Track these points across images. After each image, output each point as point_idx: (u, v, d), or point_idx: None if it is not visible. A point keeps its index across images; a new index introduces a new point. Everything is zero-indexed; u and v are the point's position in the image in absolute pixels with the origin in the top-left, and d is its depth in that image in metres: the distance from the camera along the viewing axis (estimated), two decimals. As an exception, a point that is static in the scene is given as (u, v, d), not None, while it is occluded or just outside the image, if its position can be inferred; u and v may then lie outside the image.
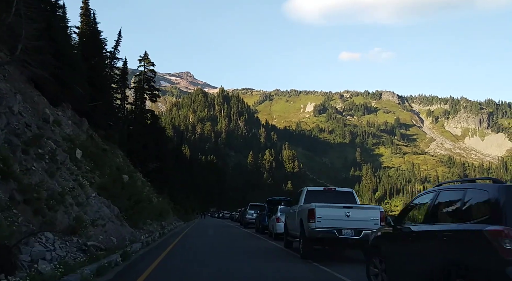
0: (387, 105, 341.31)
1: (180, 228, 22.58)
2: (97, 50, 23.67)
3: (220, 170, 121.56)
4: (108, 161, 15.20)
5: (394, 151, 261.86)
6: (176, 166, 51.28)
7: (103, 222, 8.72)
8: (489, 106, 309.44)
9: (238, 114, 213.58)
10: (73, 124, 16.32)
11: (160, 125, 35.67)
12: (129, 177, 16.47)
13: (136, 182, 18.19)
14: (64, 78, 14.64)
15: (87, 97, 19.37)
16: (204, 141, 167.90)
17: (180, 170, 54.01)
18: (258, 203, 26.79)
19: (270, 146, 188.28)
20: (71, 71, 15.16)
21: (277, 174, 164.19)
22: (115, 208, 10.55)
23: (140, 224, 12.75)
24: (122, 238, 9.01)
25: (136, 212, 12.06)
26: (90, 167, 11.77)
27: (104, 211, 9.52)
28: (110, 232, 8.82)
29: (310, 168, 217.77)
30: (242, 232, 21.61)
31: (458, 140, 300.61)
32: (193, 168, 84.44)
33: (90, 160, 12.35)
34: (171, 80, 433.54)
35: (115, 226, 9.38)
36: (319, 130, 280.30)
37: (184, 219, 33.63)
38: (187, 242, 13.53)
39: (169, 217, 22.18)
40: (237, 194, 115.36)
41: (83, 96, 18.36)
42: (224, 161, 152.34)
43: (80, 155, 11.37)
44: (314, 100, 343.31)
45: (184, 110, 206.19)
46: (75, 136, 13.07)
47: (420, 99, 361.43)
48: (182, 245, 12.10)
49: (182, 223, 27.43)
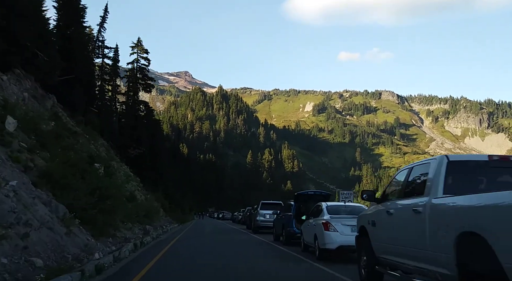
0: (386, 104, 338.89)
1: (171, 232, 18.01)
2: (74, 18, 19.77)
3: (218, 169, 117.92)
4: (71, 144, 11.31)
5: (394, 151, 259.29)
6: (173, 164, 47.52)
7: (27, 229, 4.98)
8: (489, 106, 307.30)
9: (237, 113, 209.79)
10: (32, 98, 12.53)
11: (155, 118, 31.52)
12: (105, 166, 12.53)
13: (113, 173, 13.90)
14: (15, 33, 10.85)
15: (58, 70, 15.55)
16: (203, 140, 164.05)
17: (177, 168, 50.25)
18: (273, 201, 22.08)
19: (269, 145, 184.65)
20: (25, 26, 11.35)
21: (276, 173, 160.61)
22: (61, 206, 6.68)
23: (111, 229, 8.86)
24: (61, 256, 5.28)
25: (104, 212, 8.19)
26: (30, 145, 7.99)
27: (38, 210, 5.77)
28: (41, 247, 5.13)
29: (309, 167, 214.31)
30: (256, 241, 15.34)
31: (458, 140, 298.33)
32: (191, 167, 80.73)
33: (33, 137, 8.59)
34: (169, 80, 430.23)
35: (53, 236, 5.56)
36: (318, 129, 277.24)
37: (180, 220, 28.96)
38: (173, 263, 8.15)
39: (158, 219, 17.86)
40: (236, 194, 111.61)
41: (52, 67, 14.54)
42: (222, 161, 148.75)
43: (14, 126, 7.65)
44: (313, 100, 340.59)
45: (182, 109, 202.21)
46: (14, 103, 9.29)
47: (420, 99, 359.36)
48: (164, 271, 7.09)
49: (176, 226, 22.76)
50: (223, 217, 59.28)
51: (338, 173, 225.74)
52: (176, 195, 40.59)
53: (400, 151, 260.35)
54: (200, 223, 40.20)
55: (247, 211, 26.92)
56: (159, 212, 18.63)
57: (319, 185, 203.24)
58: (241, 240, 15.66)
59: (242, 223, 29.19)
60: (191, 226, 25.66)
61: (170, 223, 21.73)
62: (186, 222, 33.80)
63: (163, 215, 21.73)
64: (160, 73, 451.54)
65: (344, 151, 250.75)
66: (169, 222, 22.27)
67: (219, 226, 27.42)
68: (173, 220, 26.22)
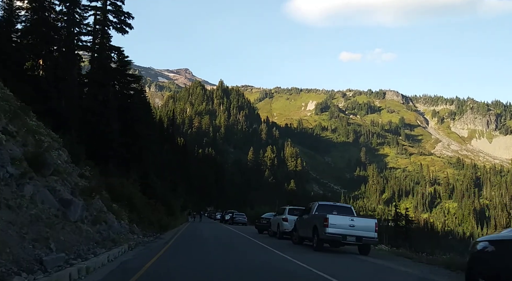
0: (391, 104, 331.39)
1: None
2: None
3: (218, 165, 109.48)
4: None
5: (399, 151, 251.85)
6: (164, 150, 38.78)
7: None
8: (496, 107, 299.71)
9: (238, 108, 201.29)
10: None
11: (136, 75, 22.07)
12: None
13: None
14: None
15: None
16: (202, 136, 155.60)
17: (169, 155, 41.58)
18: (299, 207, 18.65)
19: (271, 143, 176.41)
20: None
21: (279, 172, 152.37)
22: None
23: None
24: None
25: None
26: None
27: None
28: None
29: (312, 167, 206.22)
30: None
31: (465, 141, 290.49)
32: (188, 159, 72.20)
33: None
34: (169, 77, 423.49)
35: None
36: (321, 128, 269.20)
37: (162, 225, 17.67)
38: None
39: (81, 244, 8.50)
40: (236, 192, 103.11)
41: None
42: (222, 157, 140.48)
43: None
44: (316, 98, 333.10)
45: (181, 103, 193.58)
46: None
47: (425, 99, 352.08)
48: None
49: (146, 242, 12.04)
50: (233, 220, 38.61)
51: (342, 173, 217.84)
52: (162, 188, 30.19)
53: (405, 151, 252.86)
54: (196, 227, 27.37)
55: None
56: (102, 218, 9.57)
57: (323, 186, 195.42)
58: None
59: (273, 234, 19.44)
60: (172, 247, 11.94)
61: (137, 235, 11.97)
62: (171, 227, 21.65)
63: (124, 217, 12.15)
64: (159, 70, 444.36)
65: (348, 150, 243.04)
66: (139, 233, 12.47)
67: (243, 248, 13.60)
68: (146, 224, 15.20)
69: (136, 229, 11.90)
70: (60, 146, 10.69)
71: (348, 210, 14.14)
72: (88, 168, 12.36)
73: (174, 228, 23.01)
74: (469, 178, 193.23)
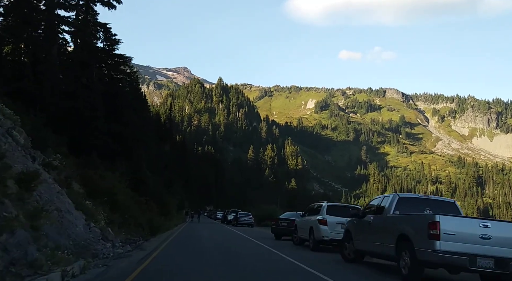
0: (391, 103, 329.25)
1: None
2: None
3: (218, 163, 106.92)
4: None
5: (400, 150, 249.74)
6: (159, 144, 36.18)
7: None
8: (497, 105, 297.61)
9: (237, 106, 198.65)
10: None
11: (128, 56, 19.28)
12: None
13: None
14: None
15: None
16: (201, 134, 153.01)
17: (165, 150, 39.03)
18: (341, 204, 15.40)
19: (271, 141, 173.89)
20: None
21: (279, 171, 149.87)
22: None
23: None
24: None
25: None
26: None
27: None
28: None
29: (312, 166, 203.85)
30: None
31: (466, 140, 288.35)
32: (187, 157, 69.66)
33: None
34: (167, 75, 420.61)
35: None
36: (321, 127, 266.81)
37: (156, 225, 15.31)
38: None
39: None
40: (236, 191, 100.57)
41: None
42: (222, 156, 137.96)
43: None
44: (315, 97, 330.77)
45: (180, 101, 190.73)
46: None
47: (425, 98, 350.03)
48: None
49: (114, 257, 8.34)
50: (239, 221, 33.66)
51: (342, 172, 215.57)
52: (157, 184, 27.34)
53: (406, 150, 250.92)
54: (191, 234, 20.29)
55: None
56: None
57: (324, 184, 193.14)
58: None
59: (298, 242, 14.98)
60: (145, 268, 7.43)
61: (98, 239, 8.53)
62: (164, 229, 18.54)
63: (101, 217, 9.16)
64: (158, 68, 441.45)
65: (348, 149, 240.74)
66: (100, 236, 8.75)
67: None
68: (133, 226, 12.68)
69: (111, 234, 8.74)
70: (15, 126, 8.16)
71: (450, 207, 8.34)
72: (58, 157, 9.84)
73: (167, 231, 19.67)
74: (471, 176, 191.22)
